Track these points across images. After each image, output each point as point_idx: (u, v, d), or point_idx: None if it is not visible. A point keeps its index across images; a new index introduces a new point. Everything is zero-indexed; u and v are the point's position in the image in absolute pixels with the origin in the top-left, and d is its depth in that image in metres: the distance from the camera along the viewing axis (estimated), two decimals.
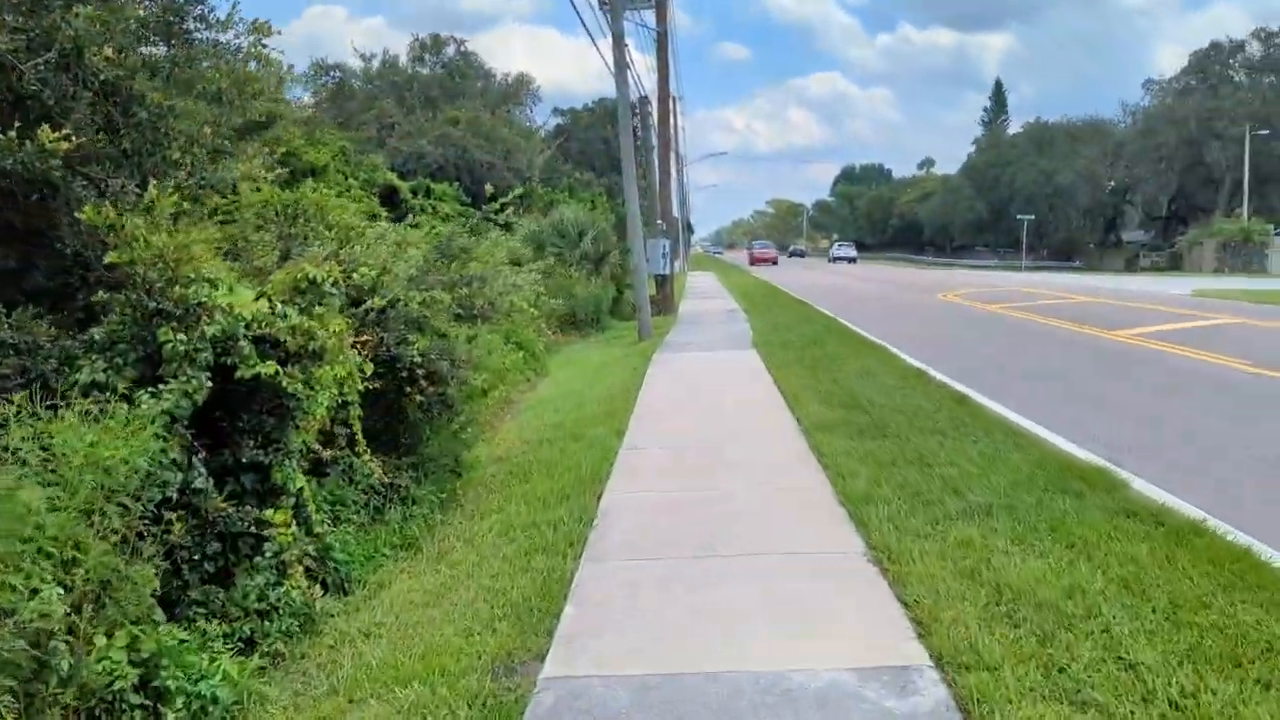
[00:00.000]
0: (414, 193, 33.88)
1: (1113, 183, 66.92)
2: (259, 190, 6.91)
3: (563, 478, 7.07)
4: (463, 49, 46.50)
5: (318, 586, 5.27)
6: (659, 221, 23.50)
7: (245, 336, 4.94)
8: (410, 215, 33.40)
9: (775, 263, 71.26)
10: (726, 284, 38.88)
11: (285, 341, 5.10)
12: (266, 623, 4.79)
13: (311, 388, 5.12)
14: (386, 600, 5.24)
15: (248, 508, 4.91)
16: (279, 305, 5.39)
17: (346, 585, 5.54)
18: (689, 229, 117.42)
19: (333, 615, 5.15)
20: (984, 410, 8.71)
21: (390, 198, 32.63)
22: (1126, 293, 29.09)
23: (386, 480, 6.42)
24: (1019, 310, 21.40)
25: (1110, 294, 27.80)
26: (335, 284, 6.04)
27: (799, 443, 7.75)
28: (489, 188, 31.29)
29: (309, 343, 5.24)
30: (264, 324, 5.11)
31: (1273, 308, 21.78)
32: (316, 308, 5.77)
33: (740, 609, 4.32)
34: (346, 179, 32.24)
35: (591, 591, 4.68)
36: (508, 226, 29.91)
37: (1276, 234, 53.65)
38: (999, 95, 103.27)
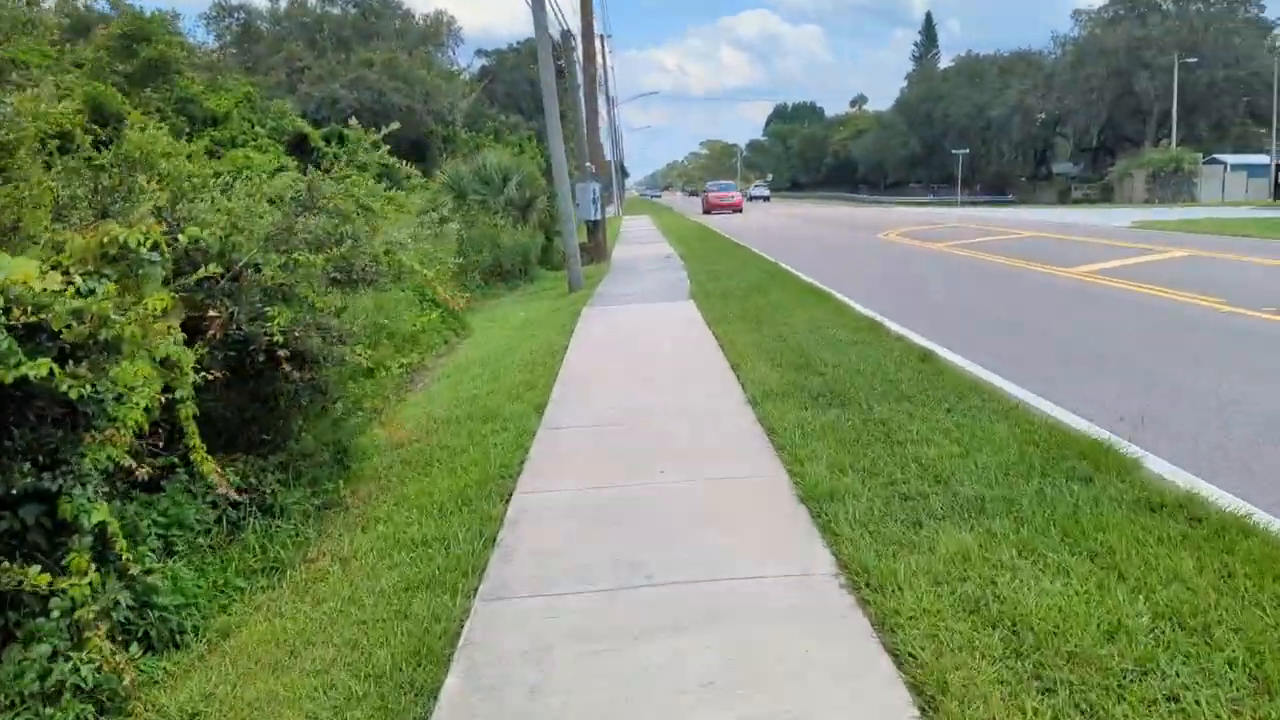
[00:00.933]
0: (327, 140, 31.84)
1: (1043, 115, 66.77)
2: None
3: (467, 473, 5.90)
4: None
5: (135, 646, 4.06)
6: (588, 164, 22.10)
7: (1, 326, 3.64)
8: (324, 165, 31.50)
9: (739, 209, 53.04)
10: (662, 228, 37.60)
11: (61, 332, 3.80)
12: (51, 709, 3.58)
13: (98, 391, 3.84)
14: (229, 657, 4.05)
15: (18, 558, 3.66)
16: (79, 279, 4.08)
17: (179, 636, 4.33)
18: (623, 172, 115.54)
19: (155, 683, 3.96)
20: (953, 369, 7.71)
21: (301, 146, 30.61)
22: (1069, 226, 28.57)
23: (241, 488, 5.18)
24: (965, 249, 20.60)
25: (1055, 228, 27.26)
26: (156, 248, 4.70)
27: (746, 416, 6.67)
28: (387, 128, 29.57)
29: (99, 331, 3.94)
30: (35, 307, 3.81)
31: (1215, 238, 21.32)
32: (131, 279, 4.48)
33: (688, 679, 3.23)
34: (253, 127, 30.11)
35: (484, 654, 3.54)
36: (392, 176, 28.42)
37: (1205, 162, 54.01)
38: (929, 30, 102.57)
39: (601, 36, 69.65)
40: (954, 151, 65.56)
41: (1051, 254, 17.89)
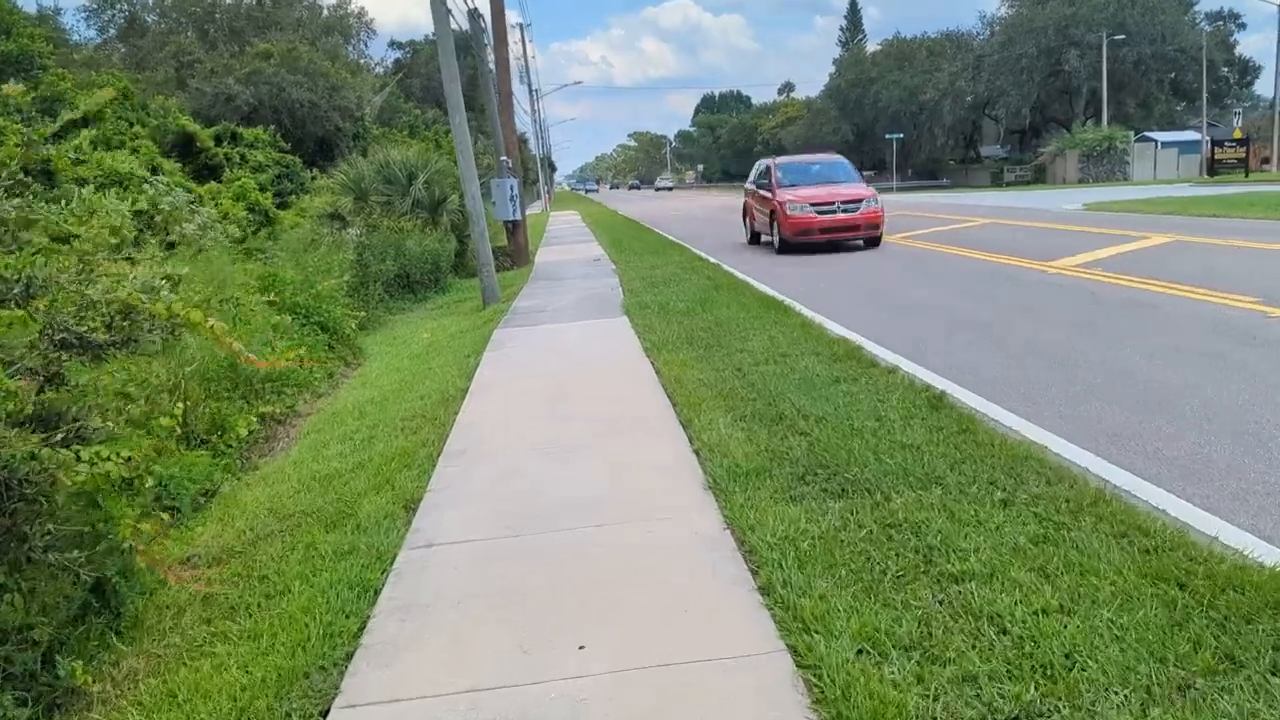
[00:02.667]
0: (218, 140, 28.88)
1: (971, 97, 66.03)
2: None
3: (270, 654, 3.68)
4: None
5: None
6: (503, 159, 19.78)
7: None
8: (220, 168, 28.49)
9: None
10: (591, 224, 35.36)
11: None
12: None
13: None
14: None
15: None
16: None
17: None
18: (550, 166, 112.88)
19: None
20: (979, 422, 5.65)
21: (188, 147, 27.65)
22: (1018, 210, 27.12)
23: None
24: (924, 241, 18.81)
25: (1006, 213, 25.76)
26: None
27: (707, 515, 4.56)
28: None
29: None
30: None
31: (1183, 219, 19.90)
32: None
33: None
34: (131, 126, 27.04)
35: None
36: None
37: (1137, 141, 53.65)
38: (854, 14, 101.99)
39: (521, 25, 67.23)
40: (888, 136, 64.42)
41: (1023, 245, 16.13)
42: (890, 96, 70.89)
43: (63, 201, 3.87)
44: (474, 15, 19.52)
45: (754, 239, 20.77)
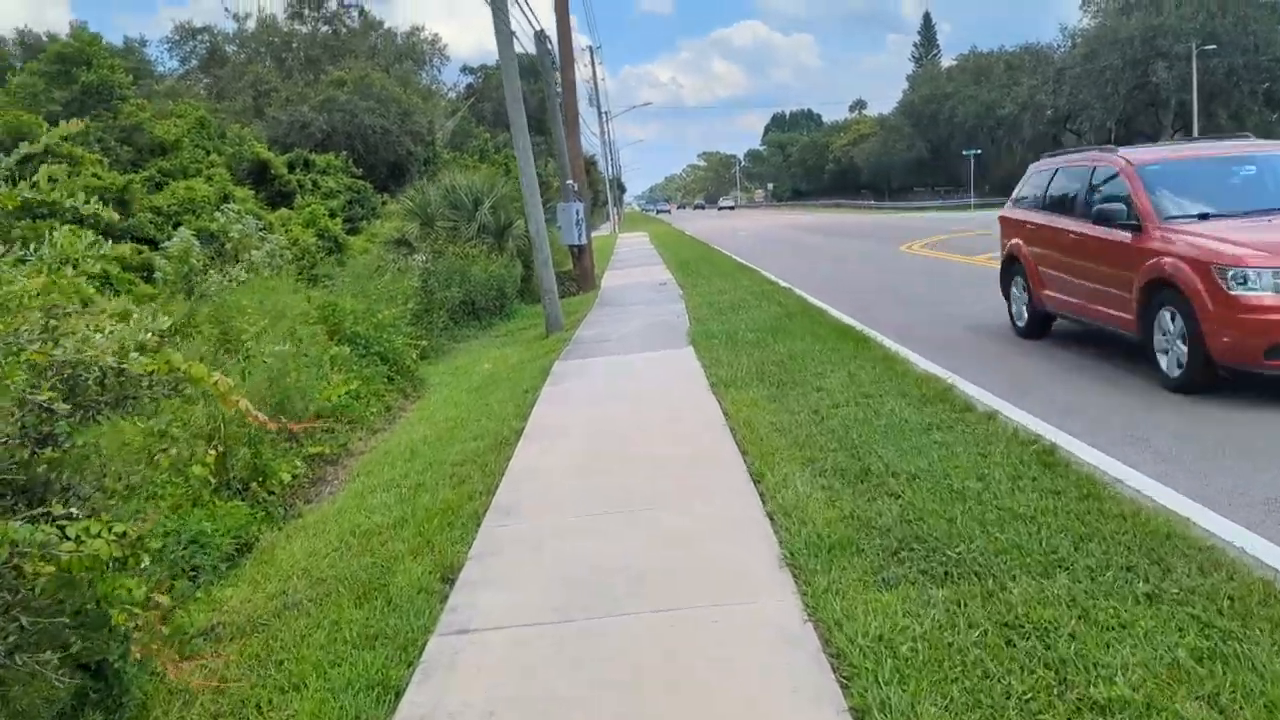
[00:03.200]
0: (291, 167, 29.20)
1: (1051, 111, 63.95)
2: None
3: None
4: (344, 1, 41.31)
5: None
6: (568, 182, 19.40)
7: None
8: (292, 194, 28.72)
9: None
10: (659, 246, 34.90)
11: None
12: None
13: None
14: None
15: None
16: None
17: None
18: (620, 188, 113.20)
19: None
20: (1114, 492, 4.83)
21: (262, 174, 27.98)
22: None
23: None
24: None
25: None
26: None
27: (784, 602, 3.88)
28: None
29: None
30: None
31: None
32: None
33: None
34: (208, 155, 27.48)
35: None
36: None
37: None
38: (928, 30, 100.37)
39: (590, 48, 67.42)
40: (965, 153, 62.76)
41: None
42: (966, 112, 69.20)
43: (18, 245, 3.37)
44: (540, 37, 19.23)
45: (1038, 325, 9.69)
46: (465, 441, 7.71)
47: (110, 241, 3.78)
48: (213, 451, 6.11)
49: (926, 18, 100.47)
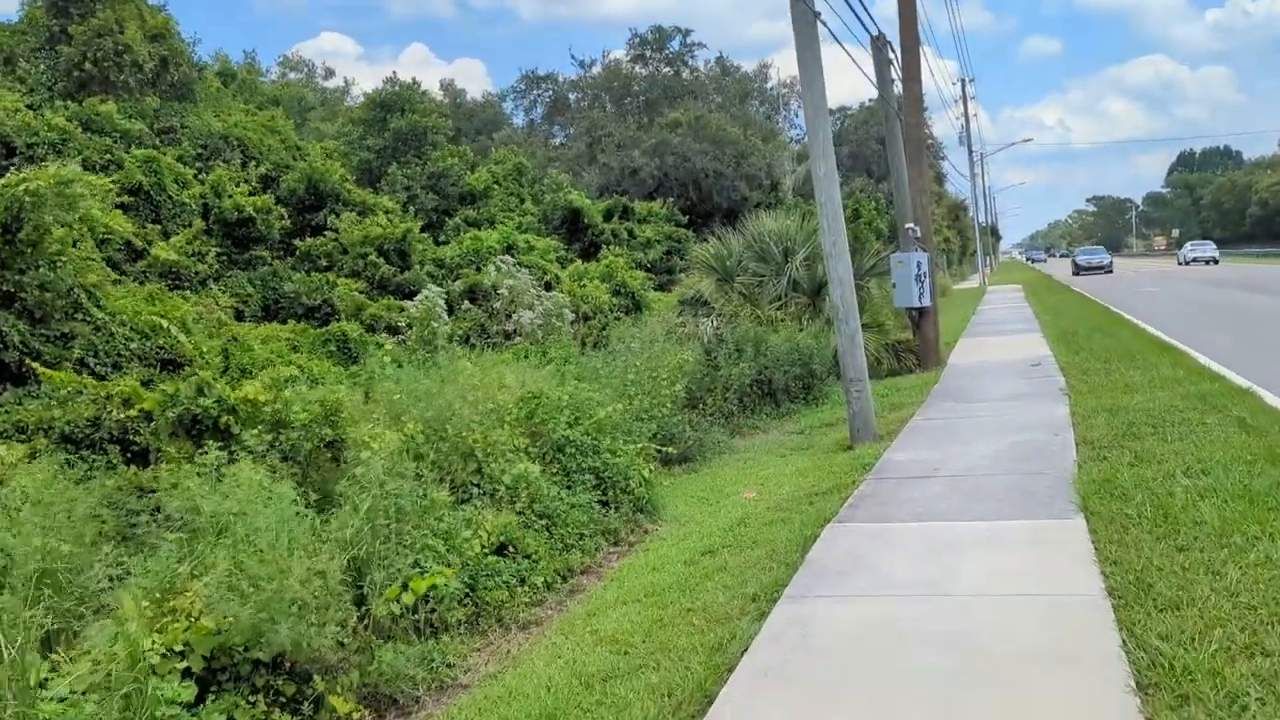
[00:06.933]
0: (608, 215, 27.24)
1: None
2: None
3: None
4: (687, 40, 39.48)
5: None
6: (908, 226, 14.86)
7: None
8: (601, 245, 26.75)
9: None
10: (1036, 304, 28.60)
11: None
12: None
13: None
14: None
15: None
16: None
17: None
18: (995, 235, 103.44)
19: None
20: None
21: (576, 222, 26.28)
22: None
23: None
24: None
25: None
26: None
27: None
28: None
29: None
30: None
31: None
32: None
33: None
34: (522, 202, 26.28)
35: None
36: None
37: None
38: None
39: (963, 80, 60.97)
40: None
41: None
42: None
43: None
44: (879, 42, 15.00)
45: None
46: (640, 685, 3.77)
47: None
48: None
49: None
